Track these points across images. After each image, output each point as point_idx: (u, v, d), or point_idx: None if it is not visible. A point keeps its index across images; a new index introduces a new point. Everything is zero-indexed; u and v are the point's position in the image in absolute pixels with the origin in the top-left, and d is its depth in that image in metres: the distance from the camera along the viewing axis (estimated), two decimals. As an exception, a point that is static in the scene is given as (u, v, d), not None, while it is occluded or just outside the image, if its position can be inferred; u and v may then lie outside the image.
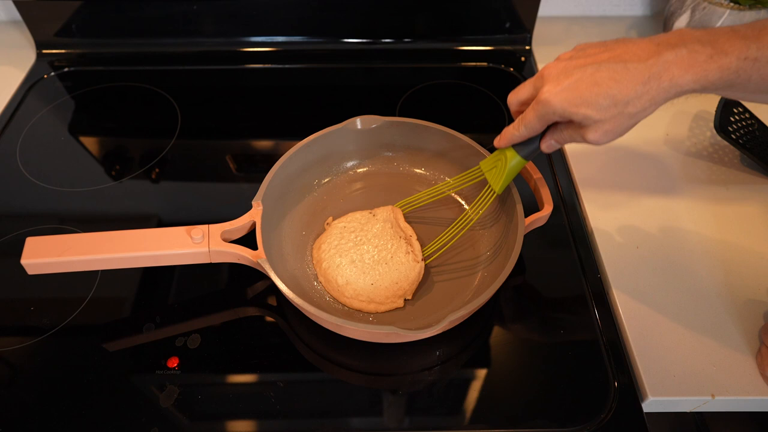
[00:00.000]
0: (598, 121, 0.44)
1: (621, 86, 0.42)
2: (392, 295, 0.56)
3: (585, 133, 0.45)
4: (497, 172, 0.55)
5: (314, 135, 0.62)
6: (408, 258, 0.57)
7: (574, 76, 0.44)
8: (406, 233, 0.60)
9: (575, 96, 0.43)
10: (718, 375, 0.52)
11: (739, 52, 0.39)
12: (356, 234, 0.59)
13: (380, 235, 0.59)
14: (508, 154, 0.53)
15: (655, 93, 0.42)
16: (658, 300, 0.58)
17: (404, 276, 0.57)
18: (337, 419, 0.51)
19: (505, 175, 0.54)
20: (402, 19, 0.88)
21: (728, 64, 0.39)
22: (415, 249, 0.58)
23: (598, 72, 0.43)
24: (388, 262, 0.57)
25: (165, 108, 0.81)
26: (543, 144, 0.51)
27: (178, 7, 0.85)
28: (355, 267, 0.57)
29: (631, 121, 0.44)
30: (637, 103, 0.42)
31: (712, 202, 0.67)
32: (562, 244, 0.64)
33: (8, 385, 0.53)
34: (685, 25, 0.80)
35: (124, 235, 0.53)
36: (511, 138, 0.51)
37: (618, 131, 0.45)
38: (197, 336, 0.56)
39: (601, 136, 0.45)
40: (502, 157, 0.54)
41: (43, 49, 0.89)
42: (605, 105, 0.43)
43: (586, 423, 0.50)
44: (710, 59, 0.40)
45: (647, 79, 0.41)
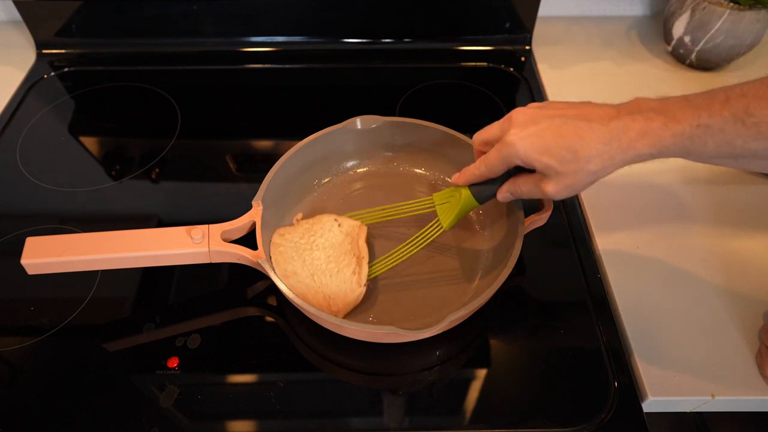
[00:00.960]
0: (559, 174, 0.45)
1: (584, 142, 0.43)
2: (326, 306, 0.55)
3: (544, 186, 0.46)
4: (449, 207, 0.55)
5: (314, 135, 0.62)
6: (352, 279, 0.56)
7: (541, 125, 0.45)
8: (360, 252, 0.58)
9: (540, 144, 0.45)
10: (718, 375, 0.52)
11: (690, 119, 0.41)
12: (315, 238, 0.58)
13: (337, 246, 0.58)
14: (464, 192, 0.53)
15: (615, 153, 0.43)
16: (658, 300, 0.58)
17: (342, 294, 0.55)
18: (337, 419, 0.51)
19: (456, 213, 0.54)
20: (402, 19, 0.88)
21: (681, 131, 0.41)
22: (362, 272, 0.56)
23: (564, 125, 0.44)
24: (333, 276, 0.56)
25: (165, 108, 0.81)
26: (499, 194, 0.52)
27: (178, 7, 0.85)
28: (304, 266, 0.56)
29: (589, 179, 0.45)
30: (597, 161, 0.43)
31: (712, 202, 0.67)
32: (562, 244, 0.64)
33: (8, 385, 0.53)
34: (685, 25, 0.80)
35: (124, 235, 0.53)
36: (471, 176, 0.52)
37: (576, 187, 0.46)
38: (197, 336, 0.56)
39: (560, 190, 0.46)
40: (457, 195, 0.54)
41: (43, 49, 0.89)
42: (567, 158, 0.44)
43: (586, 423, 0.50)
44: (664, 126, 0.41)
45: (609, 140, 0.43)
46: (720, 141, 0.40)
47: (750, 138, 0.39)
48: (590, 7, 0.95)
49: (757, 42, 0.79)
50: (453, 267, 0.60)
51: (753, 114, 0.39)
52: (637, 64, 0.87)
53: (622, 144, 0.43)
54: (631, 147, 0.43)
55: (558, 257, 0.63)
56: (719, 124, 0.40)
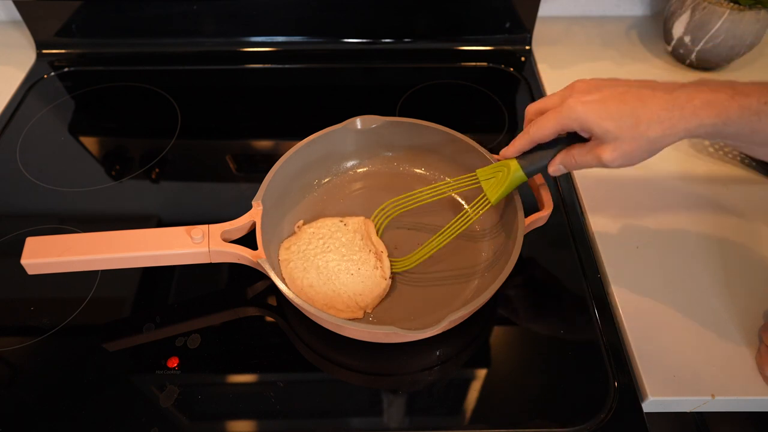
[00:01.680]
0: (618, 139, 0.44)
1: (647, 109, 0.43)
2: (353, 305, 0.55)
3: (601, 152, 0.46)
4: (495, 182, 0.54)
5: (314, 135, 0.62)
6: (375, 273, 0.57)
7: (603, 92, 0.45)
8: (377, 248, 0.58)
9: (602, 108, 0.44)
10: (718, 375, 0.52)
11: (759, 95, 0.40)
12: (324, 241, 0.59)
13: (348, 245, 0.58)
14: (512, 166, 0.53)
15: (677, 121, 0.43)
16: (658, 300, 0.58)
17: (368, 289, 0.56)
18: (337, 419, 0.51)
19: (505, 187, 0.53)
20: (402, 19, 0.88)
21: (749, 105, 0.41)
22: (384, 265, 0.57)
23: (627, 92, 0.44)
24: (354, 274, 0.56)
25: (165, 108, 0.81)
26: (551, 166, 0.51)
27: (178, 7, 0.85)
28: (319, 273, 0.57)
29: (649, 147, 0.44)
30: (658, 128, 0.43)
31: (712, 202, 0.67)
32: (562, 244, 0.64)
33: (8, 385, 0.53)
34: (685, 25, 0.80)
35: (124, 235, 0.53)
36: (520, 145, 0.51)
37: (634, 155, 0.45)
38: (197, 336, 0.56)
39: (617, 157, 0.45)
40: (504, 169, 0.53)
41: (43, 49, 0.89)
42: (628, 124, 0.44)
43: (586, 423, 0.50)
44: (731, 98, 0.41)
45: (671, 107, 0.42)
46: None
47: None
48: (590, 7, 0.95)
49: (757, 42, 0.79)
50: (453, 267, 0.60)
51: None
52: (637, 64, 0.87)
53: (686, 112, 0.42)
54: (694, 115, 0.42)
55: (558, 257, 0.63)
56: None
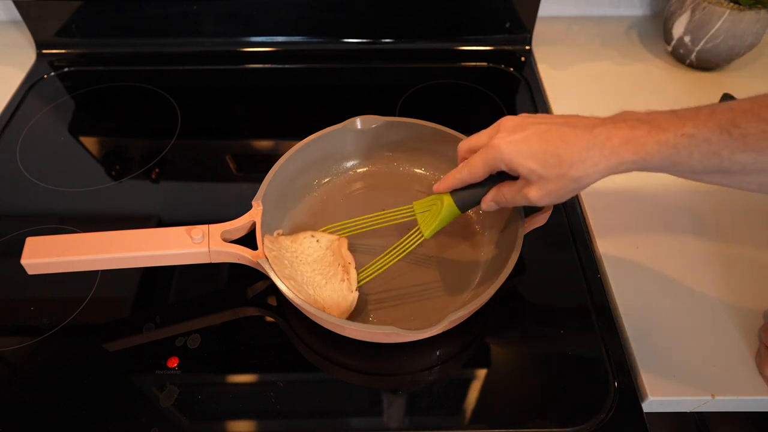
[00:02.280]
0: (542, 178, 0.45)
1: (568, 147, 0.44)
2: None
3: (528, 192, 0.47)
4: (430, 215, 0.54)
5: (314, 135, 0.62)
6: (342, 286, 0.55)
7: (528, 131, 0.46)
8: (345, 260, 0.57)
9: (525, 148, 0.45)
10: (718, 375, 0.52)
11: (675, 129, 0.41)
12: (297, 255, 0.58)
13: (319, 260, 0.57)
14: (446, 200, 0.53)
15: (598, 159, 0.43)
16: (658, 300, 0.58)
17: (335, 304, 0.54)
18: (337, 419, 0.51)
19: (438, 221, 0.53)
20: (402, 19, 0.88)
21: (666, 140, 0.41)
22: (351, 278, 0.55)
23: (549, 131, 0.45)
24: (322, 287, 0.55)
25: (165, 108, 0.81)
26: (483, 203, 0.52)
27: (178, 7, 0.85)
28: (288, 281, 0.55)
29: (573, 185, 0.45)
30: (580, 167, 0.44)
31: (712, 203, 0.67)
32: (562, 245, 0.64)
33: (8, 385, 0.53)
34: (685, 25, 0.80)
35: (124, 235, 0.53)
36: (452, 182, 0.52)
37: (559, 193, 0.46)
38: (197, 336, 0.56)
39: (543, 196, 0.46)
40: (438, 203, 0.53)
41: (43, 49, 0.89)
42: (551, 163, 0.44)
43: (586, 423, 0.50)
44: (648, 134, 0.42)
45: (592, 145, 0.43)
46: (706, 152, 0.40)
47: (737, 149, 0.39)
48: (590, 8, 0.95)
49: (757, 42, 0.79)
50: (453, 267, 0.60)
51: (739, 125, 0.39)
52: (637, 64, 0.87)
53: (605, 150, 0.43)
54: (614, 153, 0.43)
55: (558, 258, 0.63)
56: (704, 134, 0.40)
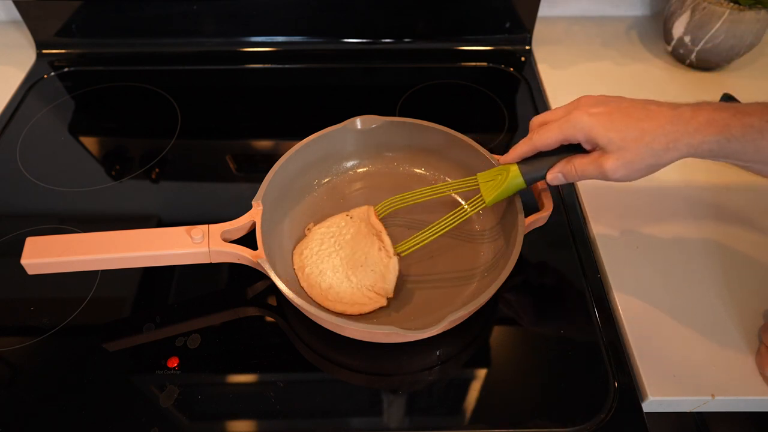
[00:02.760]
0: (621, 149, 0.45)
1: (652, 122, 0.44)
2: (374, 296, 0.56)
3: (604, 162, 0.46)
4: (494, 185, 0.55)
5: (314, 135, 0.62)
6: (381, 255, 0.56)
7: (610, 106, 0.46)
8: (376, 229, 0.59)
9: (607, 120, 0.45)
10: (718, 375, 0.52)
11: (761, 114, 0.41)
12: (336, 239, 0.59)
13: (357, 236, 0.59)
14: (512, 171, 0.53)
15: (681, 135, 0.43)
16: (658, 300, 0.58)
17: (381, 275, 0.56)
18: (337, 419, 0.51)
19: (501, 190, 0.54)
20: (402, 19, 0.88)
21: (751, 123, 0.41)
22: (386, 244, 0.57)
23: (632, 107, 0.45)
24: (364, 264, 0.57)
25: (165, 108, 0.81)
26: (550, 173, 0.51)
27: (178, 7, 0.85)
28: (336, 272, 0.57)
29: (651, 160, 0.45)
30: (662, 141, 0.44)
31: (713, 202, 0.67)
32: (562, 244, 0.64)
33: (8, 385, 0.53)
34: (685, 25, 0.80)
35: (124, 235, 0.53)
36: (520, 152, 0.52)
37: (637, 167, 0.46)
38: (197, 336, 0.56)
39: (620, 167, 0.46)
40: (503, 173, 0.54)
41: (43, 49, 0.89)
42: (634, 135, 0.44)
43: (586, 423, 0.50)
44: (733, 117, 0.42)
45: (677, 121, 0.43)
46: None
47: None
48: (590, 7, 0.95)
49: (757, 42, 0.79)
50: (453, 267, 0.60)
51: None
52: (637, 64, 0.87)
53: (690, 128, 0.43)
54: (698, 131, 0.43)
55: (558, 257, 0.63)
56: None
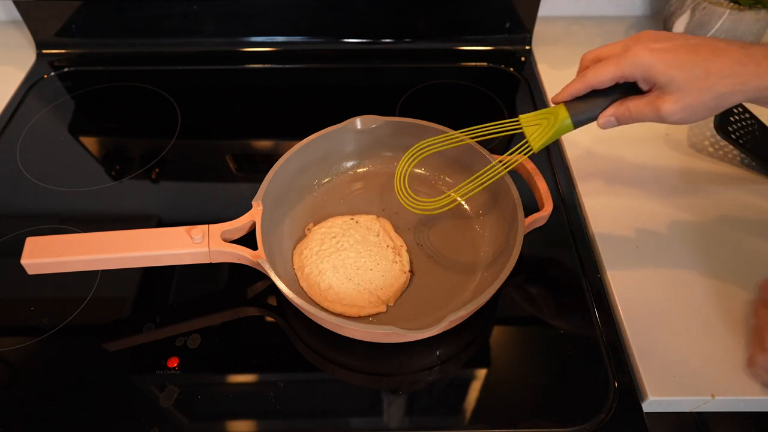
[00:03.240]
0: (682, 90, 0.42)
1: (719, 61, 0.41)
2: (375, 300, 0.56)
3: (662, 103, 0.43)
4: (540, 129, 0.51)
5: (314, 135, 0.62)
6: (394, 267, 0.58)
7: (676, 42, 0.43)
8: (395, 243, 0.60)
9: (671, 57, 0.42)
10: (718, 375, 0.52)
11: None
12: (338, 239, 0.59)
13: (363, 242, 0.59)
14: (560, 113, 0.50)
15: (749, 78, 0.41)
16: (658, 300, 0.58)
17: (389, 283, 0.57)
18: (337, 419, 0.51)
19: (551, 134, 0.50)
20: (402, 19, 0.88)
21: None
22: (403, 259, 0.59)
23: (701, 44, 0.42)
24: (373, 269, 0.58)
25: (165, 108, 0.81)
26: (602, 117, 0.48)
27: (178, 7, 0.85)
28: (337, 272, 0.57)
29: (715, 102, 0.42)
30: (728, 82, 0.41)
31: (713, 202, 0.67)
32: (562, 244, 0.64)
33: (8, 385, 0.53)
34: (685, 25, 0.80)
35: (124, 235, 0.53)
36: (575, 87, 0.48)
37: (697, 109, 0.43)
38: (197, 336, 0.56)
39: (679, 109, 0.43)
40: (551, 116, 0.50)
41: (43, 49, 0.89)
42: (698, 75, 0.42)
43: (586, 423, 0.50)
44: None
45: (747, 62, 0.41)
46: None
47: None
48: (590, 7, 0.95)
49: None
50: (453, 267, 0.60)
51: None
52: (637, 64, 0.87)
53: (760, 69, 0.41)
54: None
55: (558, 257, 0.63)
56: None
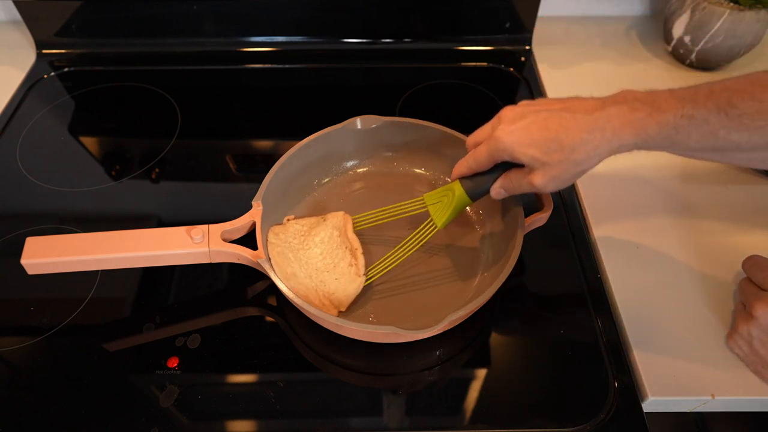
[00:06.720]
0: (545, 165, 0.46)
1: (568, 133, 0.44)
2: (328, 304, 0.55)
3: (533, 178, 0.47)
4: (442, 206, 0.55)
5: (314, 135, 0.62)
6: (350, 270, 0.56)
7: (527, 119, 0.46)
8: (352, 245, 0.58)
9: (526, 137, 0.46)
10: (718, 375, 0.52)
11: (675, 110, 0.41)
12: (305, 237, 0.59)
13: (327, 241, 0.58)
14: (457, 190, 0.53)
15: (599, 143, 0.44)
16: (658, 300, 0.58)
17: (342, 288, 0.55)
18: (337, 419, 0.51)
19: (450, 211, 0.54)
20: (402, 19, 0.88)
21: (666, 121, 0.42)
22: (358, 263, 0.57)
23: (549, 118, 0.45)
24: (330, 271, 0.56)
25: (165, 108, 0.81)
26: (492, 190, 0.52)
27: (178, 7, 0.85)
28: (300, 266, 0.57)
29: (576, 169, 0.45)
30: (581, 151, 0.44)
31: (713, 202, 0.67)
32: (562, 244, 0.64)
33: (8, 385, 0.53)
34: (685, 25, 0.80)
35: (124, 235, 0.53)
36: (460, 170, 0.53)
37: (563, 177, 0.46)
38: (197, 336, 0.56)
39: (547, 182, 0.46)
40: (450, 193, 0.54)
41: (43, 49, 0.89)
42: (552, 149, 0.45)
43: (586, 423, 0.50)
44: (649, 116, 0.42)
45: (592, 129, 0.44)
46: (704, 132, 0.41)
47: (733, 129, 0.40)
48: (590, 7, 0.95)
49: (757, 42, 0.79)
50: (453, 267, 0.60)
51: (736, 105, 0.40)
52: (637, 64, 0.87)
53: (606, 133, 0.43)
54: (615, 136, 0.43)
55: (558, 257, 0.63)
56: (703, 115, 0.41)
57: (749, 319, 0.51)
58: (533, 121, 0.46)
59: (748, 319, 0.51)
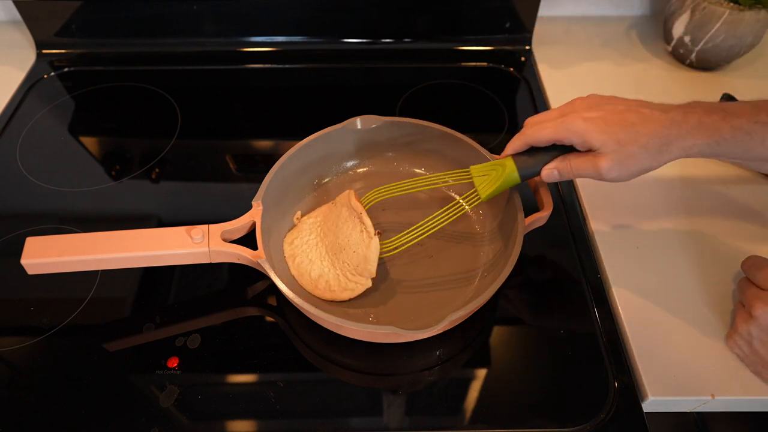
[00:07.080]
0: (616, 151, 0.46)
1: (646, 125, 0.45)
2: (359, 278, 0.56)
3: (599, 161, 0.48)
4: (489, 180, 0.55)
5: (314, 135, 0.62)
6: (362, 236, 0.56)
7: (605, 109, 0.47)
8: (356, 211, 0.57)
9: (602, 124, 0.47)
10: (718, 375, 0.52)
11: (749, 116, 0.43)
12: (321, 228, 0.59)
13: (338, 221, 0.58)
14: (508, 166, 0.53)
15: (673, 139, 0.45)
16: (658, 300, 0.58)
17: (362, 257, 0.55)
18: (337, 419, 0.51)
19: (497, 185, 0.54)
20: (402, 19, 0.88)
21: (740, 125, 0.43)
22: (366, 225, 0.55)
23: (627, 111, 0.46)
24: (347, 246, 0.56)
25: (165, 108, 0.81)
26: (545, 170, 0.52)
27: (178, 7, 0.85)
28: (323, 260, 0.57)
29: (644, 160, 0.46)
30: (655, 143, 0.45)
31: (713, 202, 0.67)
32: (562, 244, 0.64)
33: (8, 385, 0.53)
34: (685, 25, 0.80)
35: (124, 235, 0.53)
36: (516, 144, 0.53)
37: (630, 169, 0.47)
38: (197, 336, 0.56)
39: (614, 166, 0.47)
40: (499, 168, 0.54)
41: (43, 49, 0.89)
42: (629, 137, 0.46)
43: (585, 423, 0.50)
44: (723, 119, 0.44)
45: (669, 124, 0.45)
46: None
47: None
48: (590, 7, 0.95)
49: (757, 42, 0.79)
50: (453, 267, 0.60)
51: None
52: (637, 64, 0.87)
53: (682, 131, 0.44)
54: (689, 134, 0.44)
55: (558, 257, 0.63)
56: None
57: (749, 319, 0.51)
58: (612, 111, 0.47)
59: (748, 319, 0.51)
